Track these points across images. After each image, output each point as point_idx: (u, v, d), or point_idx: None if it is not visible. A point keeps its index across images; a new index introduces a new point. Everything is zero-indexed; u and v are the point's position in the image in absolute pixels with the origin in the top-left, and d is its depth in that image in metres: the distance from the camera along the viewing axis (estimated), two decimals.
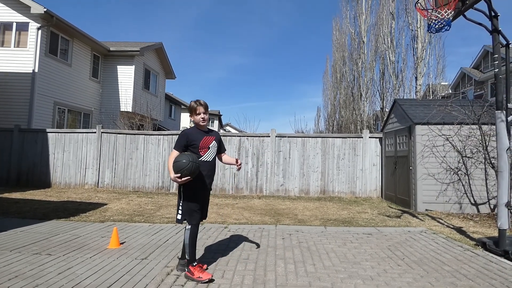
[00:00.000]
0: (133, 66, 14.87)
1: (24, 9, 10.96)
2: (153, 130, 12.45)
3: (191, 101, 3.16)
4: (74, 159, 9.50)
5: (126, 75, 14.87)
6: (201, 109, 3.10)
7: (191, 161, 2.79)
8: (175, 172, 2.81)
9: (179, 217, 3.01)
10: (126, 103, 14.65)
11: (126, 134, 9.55)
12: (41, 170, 9.47)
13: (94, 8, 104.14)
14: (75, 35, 12.68)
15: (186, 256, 2.96)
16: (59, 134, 9.62)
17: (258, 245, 4.12)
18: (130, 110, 14.45)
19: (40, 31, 11.06)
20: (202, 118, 3.11)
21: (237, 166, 3.25)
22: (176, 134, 9.31)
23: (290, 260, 3.58)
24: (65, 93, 12.40)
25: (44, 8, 10.65)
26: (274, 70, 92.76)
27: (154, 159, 9.31)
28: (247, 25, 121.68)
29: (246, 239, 4.45)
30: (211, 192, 3.31)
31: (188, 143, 3.04)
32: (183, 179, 2.81)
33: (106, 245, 3.99)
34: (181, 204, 3.01)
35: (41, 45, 11.12)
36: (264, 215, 6.20)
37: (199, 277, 2.87)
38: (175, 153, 2.98)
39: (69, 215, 5.73)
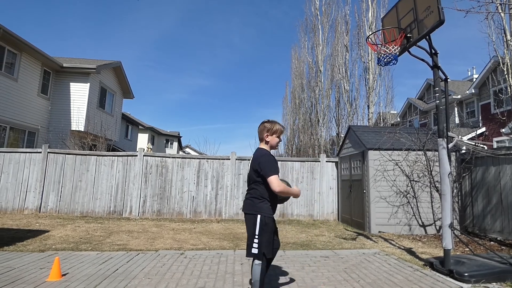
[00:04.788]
0: (88, 84, 14.21)
1: None
2: (107, 151, 11.82)
3: (275, 122, 2.95)
4: (13, 181, 8.62)
5: (79, 92, 14.12)
6: (282, 134, 2.97)
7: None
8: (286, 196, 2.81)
9: (255, 251, 2.65)
10: (78, 122, 13.82)
11: (76, 154, 8.94)
12: None
13: (53, 25, 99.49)
14: (24, 48, 11.90)
15: None
16: None
17: (216, 272, 3.96)
18: (83, 130, 13.63)
19: None
20: (279, 141, 2.97)
21: None
22: (132, 156, 8.91)
23: (248, 287, 3.48)
24: (8, 109, 11.42)
25: None
26: (236, 94, 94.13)
27: (106, 182, 8.76)
28: (210, 48, 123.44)
29: (203, 265, 4.27)
30: (167, 216, 3.11)
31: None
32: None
33: (45, 277, 3.59)
34: (257, 235, 2.68)
35: None
36: (222, 240, 6.03)
37: None
38: (278, 177, 2.71)
39: (2, 244, 5.11)
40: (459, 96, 18.37)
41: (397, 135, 7.49)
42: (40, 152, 8.79)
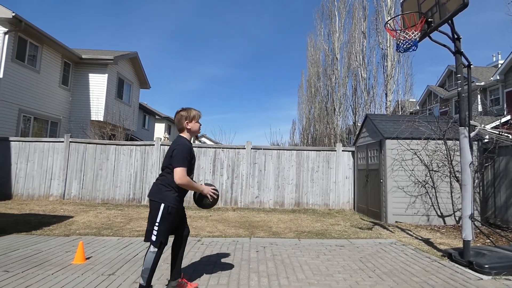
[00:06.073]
0: (106, 75, 14.50)
1: None
2: (126, 140, 12.11)
3: (190, 108, 2.93)
4: (39, 170, 9.00)
5: (98, 83, 14.45)
6: (200, 118, 2.96)
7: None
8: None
9: (154, 238, 2.64)
10: (97, 112, 14.19)
11: (97, 144, 9.21)
12: (1, 181, 8.88)
13: (69, 16, 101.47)
14: (45, 41, 12.22)
15: (142, 282, 2.61)
16: (23, 143, 9.11)
17: (232, 259, 4.05)
18: (102, 120, 13.99)
19: (7, 36, 10.55)
20: (200, 125, 2.96)
21: None
22: (150, 145, 9.10)
23: (264, 273, 3.54)
24: (32, 100, 11.83)
25: (13, 12, 10.21)
26: (251, 82, 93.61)
27: (125, 170, 9.00)
28: (225, 37, 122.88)
29: (219, 252, 4.36)
30: (184, 204, 3.13)
31: (191, 158, 2.78)
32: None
33: (70, 260, 3.77)
34: (157, 223, 2.65)
35: (8, 50, 10.59)
36: (238, 228, 6.13)
37: None
38: (185, 171, 2.68)
39: (30, 228, 5.38)
40: (482, 83, 17.65)
41: (416, 124, 7.30)
42: (63, 142, 9.10)
